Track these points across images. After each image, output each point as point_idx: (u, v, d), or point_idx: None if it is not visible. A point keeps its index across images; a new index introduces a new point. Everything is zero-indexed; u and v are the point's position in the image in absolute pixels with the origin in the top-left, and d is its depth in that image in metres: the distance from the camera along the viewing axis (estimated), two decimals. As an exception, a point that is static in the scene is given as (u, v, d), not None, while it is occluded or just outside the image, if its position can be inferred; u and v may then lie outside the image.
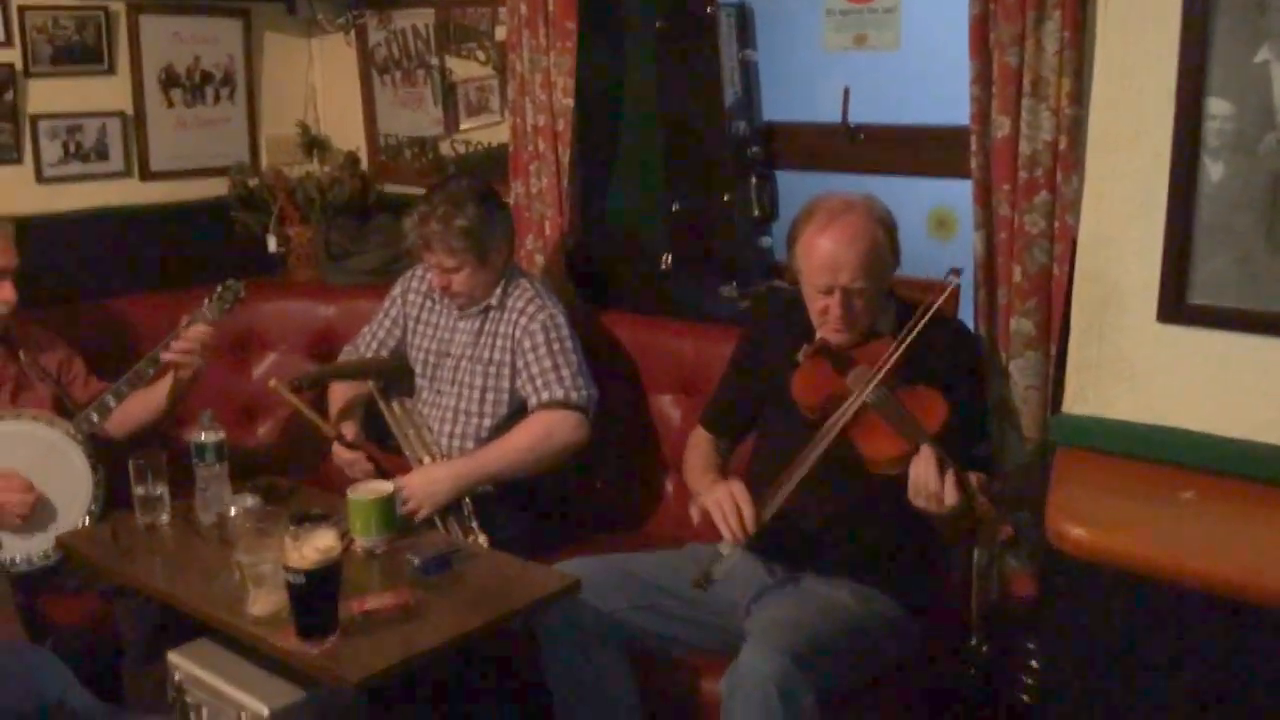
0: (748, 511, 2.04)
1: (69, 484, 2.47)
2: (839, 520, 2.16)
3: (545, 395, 2.57)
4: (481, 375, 2.65)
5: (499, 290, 2.66)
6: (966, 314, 2.36)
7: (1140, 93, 1.65)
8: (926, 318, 2.03)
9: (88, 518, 2.47)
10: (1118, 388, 1.73)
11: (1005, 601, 2.19)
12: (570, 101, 2.87)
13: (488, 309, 2.67)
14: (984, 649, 2.12)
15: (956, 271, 2.14)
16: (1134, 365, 1.72)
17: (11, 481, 2.39)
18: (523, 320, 2.62)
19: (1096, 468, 1.70)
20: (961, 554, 2.20)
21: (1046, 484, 1.77)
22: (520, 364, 2.62)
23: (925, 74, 2.88)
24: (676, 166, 2.98)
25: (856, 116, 2.85)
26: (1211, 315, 1.63)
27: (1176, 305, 1.66)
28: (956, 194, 2.50)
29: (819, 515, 2.15)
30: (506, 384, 2.64)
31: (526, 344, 2.61)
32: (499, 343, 2.65)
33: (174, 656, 2.00)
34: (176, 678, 1.97)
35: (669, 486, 2.79)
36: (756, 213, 2.96)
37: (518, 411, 2.64)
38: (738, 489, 2.08)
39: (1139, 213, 1.68)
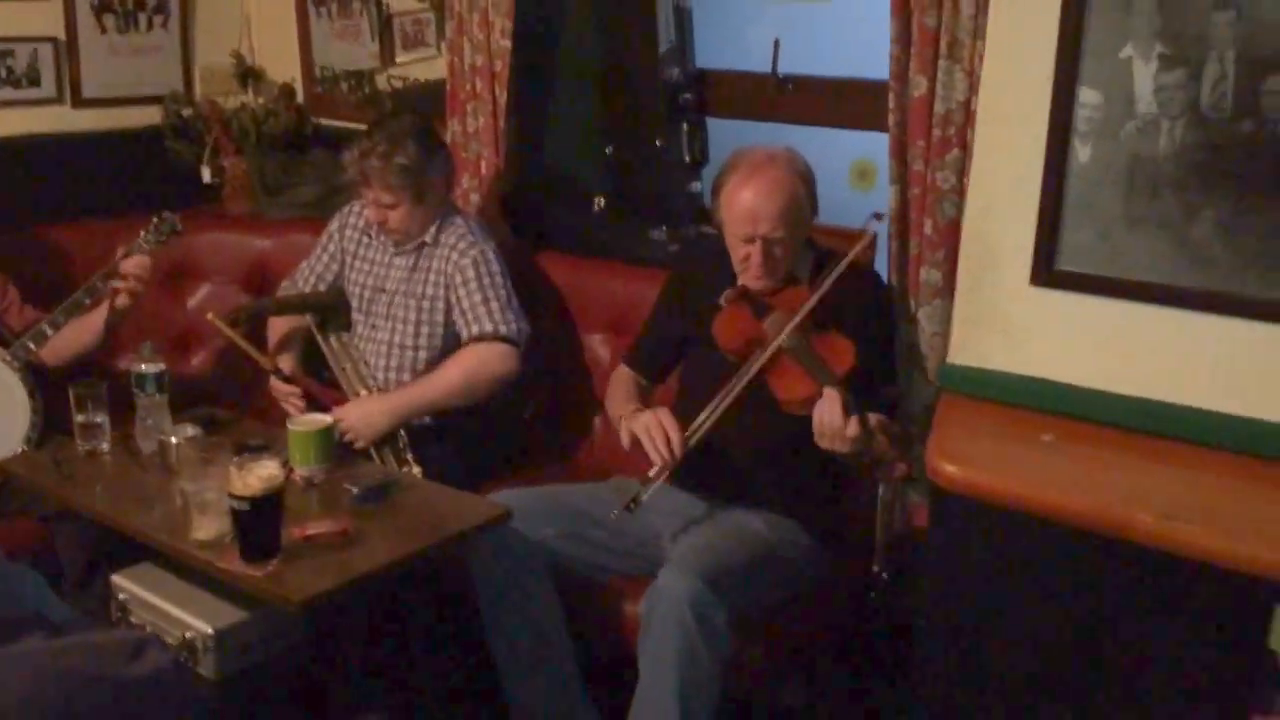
0: (675, 436, 2.15)
1: (7, 411, 2.50)
2: (756, 455, 2.28)
3: (476, 328, 2.65)
4: (415, 310, 2.72)
5: (434, 228, 2.72)
6: (881, 264, 2.49)
7: (1023, 77, 1.80)
8: (841, 268, 2.15)
9: (26, 444, 2.51)
10: (994, 341, 1.90)
11: (906, 532, 2.36)
12: (508, 43, 2.91)
13: (422, 245, 2.73)
14: (884, 575, 2.29)
15: (879, 216, 2.26)
16: (1009, 321, 1.89)
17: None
18: (455, 256, 2.69)
19: (973, 412, 1.87)
20: (868, 488, 2.36)
21: (934, 427, 1.93)
22: (453, 299, 2.69)
23: (855, 27, 2.97)
24: (611, 111, 3.04)
25: (786, 67, 2.93)
26: (1076, 280, 1.82)
27: (1047, 270, 1.84)
28: (878, 147, 2.61)
29: (738, 450, 2.28)
30: (440, 318, 2.71)
31: (459, 279, 2.68)
32: (432, 278, 2.72)
33: (118, 579, 2.07)
34: (121, 598, 2.05)
35: (596, 422, 2.88)
36: (687, 158, 3.04)
37: (452, 346, 2.71)
38: (665, 415, 2.19)
39: (1017, 185, 1.85)
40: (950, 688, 1.76)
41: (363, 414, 2.56)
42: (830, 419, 1.99)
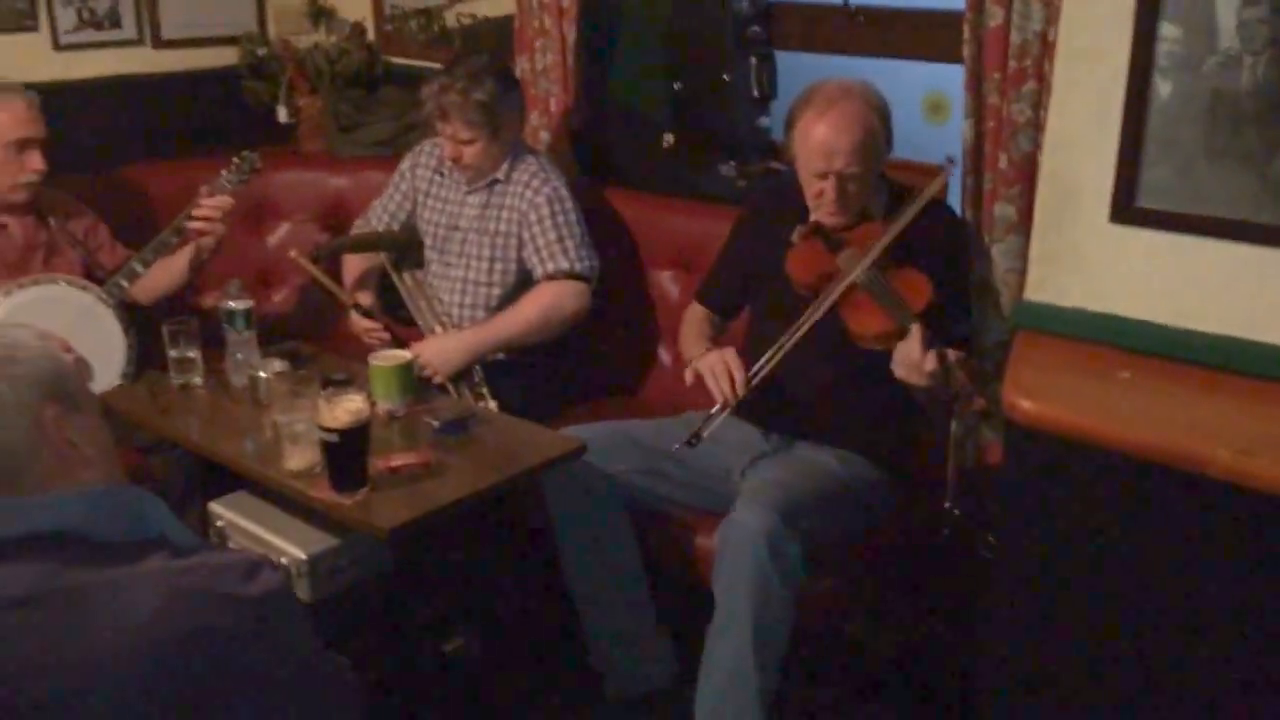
0: (738, 375, 2.18)
1: (103, 346, 2.60)
2: (827, 390, 2.30)
3: (551, 266, 2.69)
4: (489, 247, 2.76)
5: (506, 165, 2.75)
6: (954, 197, 2.47)
7: (1103, 12, 1.78)
8: (919, 205, 2.14)
9: (123, 378, 2.62)
10: (1072, 278, 1.89)
11: (979, 469, 2.37)
12: (577, -21, 2.91)
13: (494, 183, 2.76)
14: (956, 511, 2.30)
15: (951, 160, 2.24)
16: (1087, 259, 1.88)
17: (52, 341, 2.52)
18: (528, 194, 2.72)
19: (1050, 349, 1.87)
20: (941, 423, 2.37)
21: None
22: (526, 236, 2.72)
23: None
24: (679, 46, 3.02)
25: (858, -2, 2.88)
26: (1156, 217, 1.80)
27: (1126, 207, 1.82)
28: (952, 79, 2.58)
29: (809, 385, 2.30)
30: (513, 255, 2.75)
31: (533, 217, 2.71)
32: (505, 215, 2.75)
33: (215, 506, 2.17)
34: (219, 525, 2.14)
35: (665, 356, 2.91)
36: (755, 93, 3.01)
37: (524, 282, 2.76)
38: (730, 354, 2.22)
39: (1097, 122, 1.82)
40: (1022, 624, 1.78)
41: (439, 349, 2.62)
42: (909, 354, 2.00)
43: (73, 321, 2.57)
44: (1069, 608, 1.71)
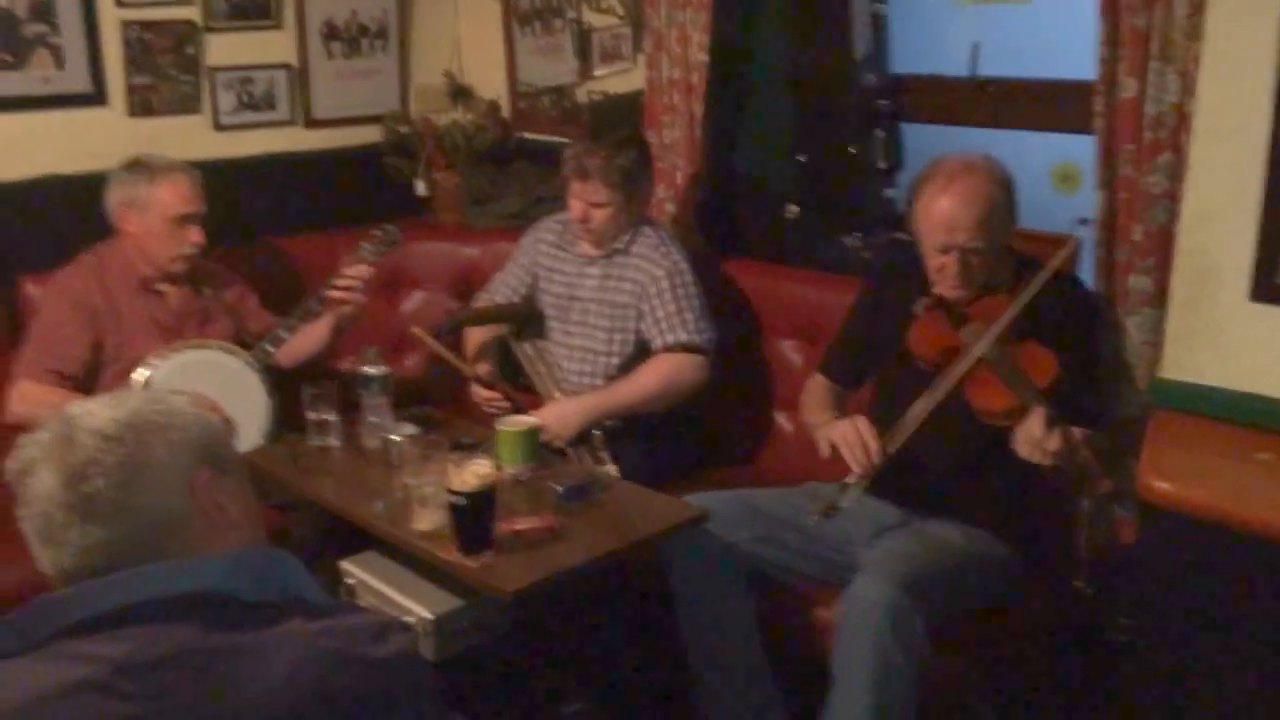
0: (873, 444, 2.16)
1: (249, 408, 2.73)
2: (952, 466, 2.27)
3: (670, 338, 2.73)
4: (608, 317, 2.82)
5: (626, 237, 2.81)
6: (1085, 269, 2.42)
7: (1242, 90, 1.74)
8: (1043, 278, 2.11)
9: (263, 438, 2.74)
10: (1209, 356, 1.84)
11: (1111, 548, 2.29)
12: (705, 57, 2.97)
13: (614, 254, 2.82)
14: (1087, 591, 2.23)
15: (1084, 221, 2.20)
16: (1225, 337, 1.83)
17: (203, 404, 2.67)
18: (649, 266, 2.77)
19: (1186, 428, 1.81)
20: (1070, 501, 2.30)
21: (1148, 441, 1.88)
22: (646, 308, 2.77)
23: (1055, 27, 2.90)
24: (805, 118, 3.07)
25: (986, 69, 2.89)
26: None
27: (1266, 285, 1.77)
28: (1083, 149, 2.55)
29: (934, 460, 2.26)
30: (631, 325, 2.80)
31: (653, 290, 2.76)
32: (625, 286, 2.80)
33: (346, 564, 2.25)
34: (349, 583, 2.22)
35: (787, 426, 2.91)
36: (882, 164, 3.03)
37: (642, 351, 2.80)
38: (863, 424, 2.19)
39: (1236, 200, 1.79)
40: (1154, 708, 1.71)
41: (559, 415, 2.67)
42: (1031, 432, 1.96)
43: (222, 384, 2.71)
44: (1204, 694, 1.63)
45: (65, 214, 3.01)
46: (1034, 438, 1.95)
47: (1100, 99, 2.28)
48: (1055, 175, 2.92)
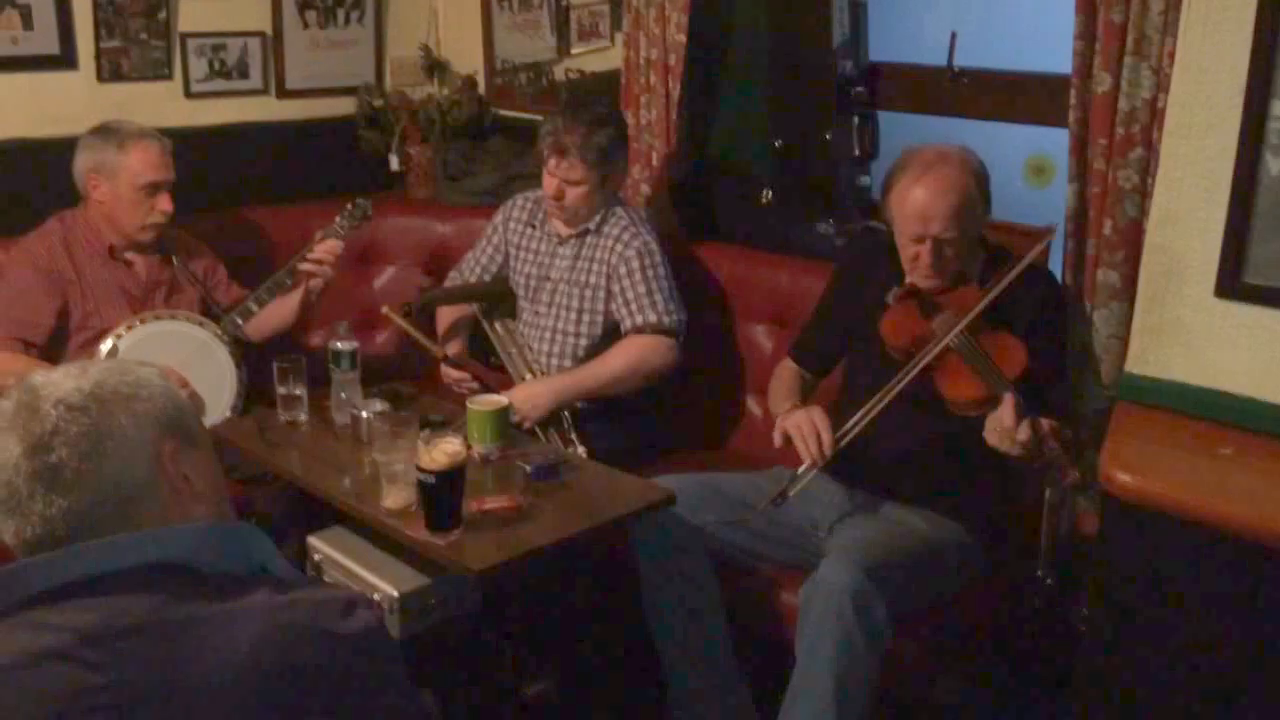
0: (825, 436, 2.18)
1: (216, 380, 2.72)
2: (917, 452, 2.29)
3: (639, 319, 2.73)
4: (578, 298, 2.82)
5: (598, 216, 2.80)
6: (1055, 262, 2.45)
7: (1213, 89, 1.77)
8: (1018, 271, 2.13)
9: (231, 411, 2.72)
10: (1175, 352, 1.87)
11: (1074, 538, 2.32)
12: (683, 38, 2.97)
13: (585, 234, 2.81)
14: (1049, 581, 2.26)
15: (1052, 229, 2.23)
16: (1191, 333, 1.86)
17: (170, 376, 2.65)
18: (619, 247, 2.77)
19: (1150, 422, 1.84)
20: (1034, 490, 2.33)
21: (1110, 434, 1.91)
22: (615, 289, 2.77)
23: (1032, 20, 2.92)
24: (781, 104, 3.07)
25: (963, 60, 2.90)
26: (1262, 293, 1.79)
27: (1232, 282, 1.81)
28: (1056, 141, 2.57)
29: (899, 446, 2.29)
30: (601, 306, 2.80)
31: (622, 270, 2.75)
32: (595, 267, 2.80)
33: (313, 540, 2.24)
34: (316, 558, 2.21)
35: (756, 410, 2.92)
36: (856, 152, 3.04)
37: (612, 333, 2.81)
38: (818, 415, 2.22)
39: (1205, 197, 1.82)
40: (1113, 697, 1.74)
41: (529, 395, 2.67)
42: (1001, 421, 1.98)
43: (189, 356, 2.69)
44: (1163, 686, 1.67)
45: (31, 179, 2.97)
46: (1004, 427, 1.98)
47: (1074, 92, 2.30)
48: (1028, 167, 2.94)
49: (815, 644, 2.04)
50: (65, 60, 3.05)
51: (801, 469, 2.20)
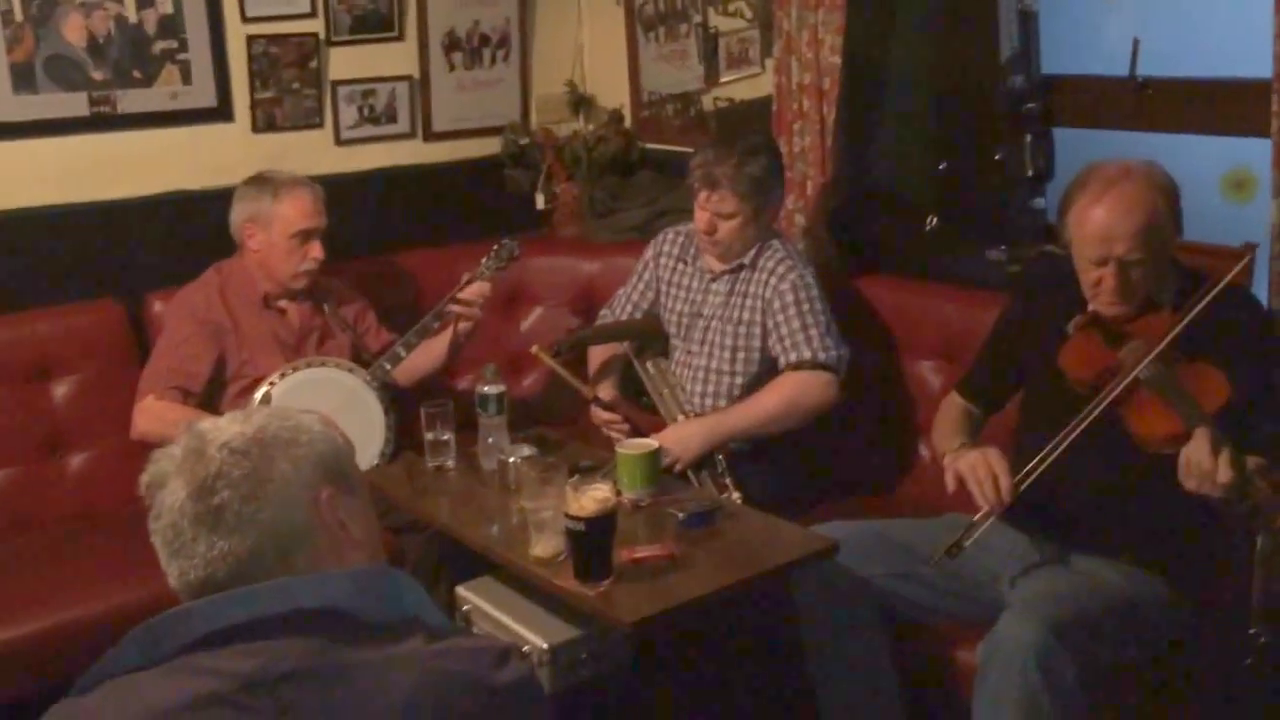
0: (1004, 480, 2.10)
1: (366, 426, 2.82)
2: (1107, 497, 2.19)
3: (794, 355, 2.72)
4: (732, 335, 2.82)
5: (753, 251, 2.81)
6: (1260, 284, 2.32)
7: None
8: (1215, 293, 2.03)
9: (380, 458, 2.82)
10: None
11: (1291, 591, 2.18)
12: (837, 60, 2.96)
13: (739, 269, 2.82)
14: (1263, 639, 2.12)
15: (1252, 247, 2.12)
16: None
17: (330, 423, 2.76)
18: (773, 281, 2.77)
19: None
20: (1243, 538, 2.20)
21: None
22: (770, 324, 2.77)
23: (1226, 21, 2.79)
24: (946, 123, 3.02)
25: (1146, 69, 2.80)
26: None
27: None
28: (1256, 153, 2.45)
29: (1085, 490, 2.20)
30: (757, 343, 2.80)
31: (776, 304, 2.75)
32: (749, 303, 2.81)
33: (462, 590, 2.29)
34: (465, 609, 2.26)
35: (925, 452, 2.87)
36: (1030, 172, 2.96)
37: (767, 371, 2.80)
38: (994, 455, 2.14)
39: None
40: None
41: (680, 437, 2.68)
42: (1198, 460, 1.88)
43: (340, 402, 2.80)
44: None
45: (190, 230, 3.16)
46: (1202, 467, 1.88)
47: (1276, 98, 2.19)
48: (1226, 182, 2.80)
49: (995, 708, 1.97)
50: (222, 112, 3.26)
51: (978, 516, 2.13)
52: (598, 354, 3.06)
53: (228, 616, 1.12)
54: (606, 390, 2.95)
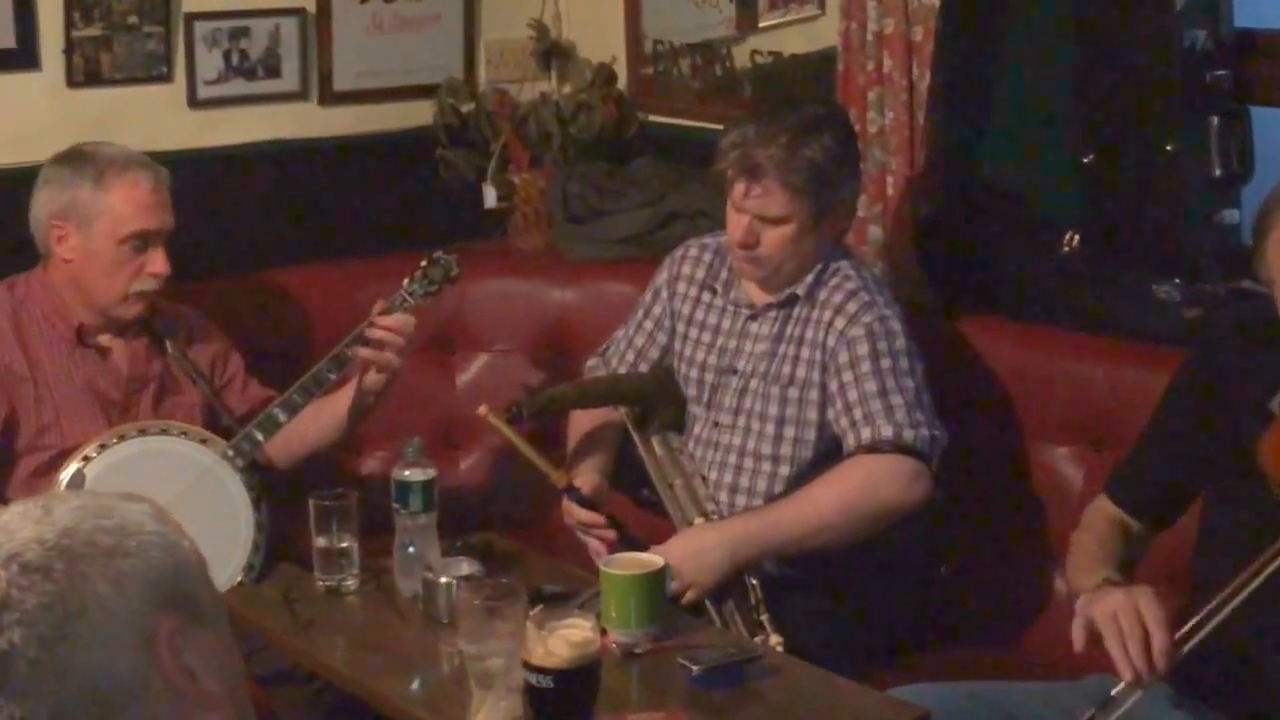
0: (1158, 636, 2.10)
1: (224, 527, 2.80)
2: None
3: (868, 433, 2.73)
4: (779, 402, 2.84)
5: (812, 276, 2.83)
6: None
7: None
8: None
9: (245, 573, 2.81)
10: None
11: None
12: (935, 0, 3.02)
13: (791, 301, 2.84)
14: None
15: None
16: None
17: (168, 519, 2.76)
18: (840, 322, 2.78)
19: None
20: None
21: None
22: (835, 386, 2.78)
23: None
24: (1093, 100, 3.06)
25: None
26: None
27: None
28: None
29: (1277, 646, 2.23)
30: (814, 415, 2.82)
31: (845, 357, 2.76)
32: (806, 353, 2.82)
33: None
34: (368, 803, 2.27)
35: (1060, 583, 2.88)
36: (1218, 171, 3.00)
37: (828, 453, 2.82)
38: (1145, 599, 2.14)
39: None
40: None
41: (694, 550, 2.67)
42: None
43: (186, 489, 2.79)
44: None
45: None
46: None
47: None
48: None
49: None
50: (22, 57, 3.27)
51: (1117, 690, 2.15)
52: (580, 422, 3.06)
53: None
54: (588, 477, 2.93)
